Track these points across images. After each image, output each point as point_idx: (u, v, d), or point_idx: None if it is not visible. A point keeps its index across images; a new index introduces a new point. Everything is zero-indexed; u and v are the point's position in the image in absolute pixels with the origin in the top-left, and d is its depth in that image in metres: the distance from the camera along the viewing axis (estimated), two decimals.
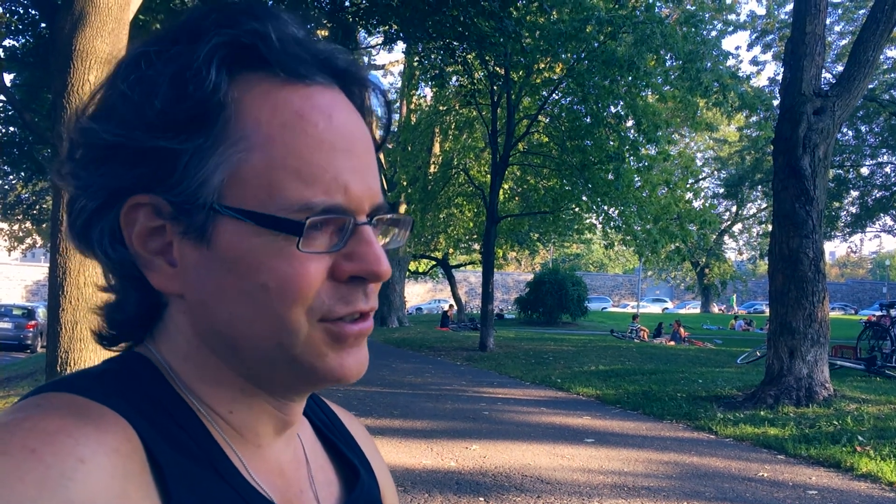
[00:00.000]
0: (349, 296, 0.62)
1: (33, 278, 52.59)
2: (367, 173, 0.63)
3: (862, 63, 9.38)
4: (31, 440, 0.51)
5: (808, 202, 9.08)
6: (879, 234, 72.30)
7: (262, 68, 0.61)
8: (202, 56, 0.58)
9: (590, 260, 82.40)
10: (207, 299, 0.61)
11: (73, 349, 4.98)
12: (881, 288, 67.48)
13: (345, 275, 0.61)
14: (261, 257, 0.59)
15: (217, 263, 0.60)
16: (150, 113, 0.58)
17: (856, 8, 29.58)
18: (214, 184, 0.59)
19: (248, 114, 0.59)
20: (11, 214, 25.95)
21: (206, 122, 0.59)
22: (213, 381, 0.64)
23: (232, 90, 0.59)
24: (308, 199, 0.58)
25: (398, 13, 11.72)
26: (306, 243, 0.59)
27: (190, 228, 0.60)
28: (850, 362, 13.38)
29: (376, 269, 0.62)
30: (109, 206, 0.61)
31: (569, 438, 7.41)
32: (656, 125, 16.48)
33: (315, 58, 0.63)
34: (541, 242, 29.23)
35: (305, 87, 0.61)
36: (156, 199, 0.60)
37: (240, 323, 0.60)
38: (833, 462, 6.38)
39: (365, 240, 0.62)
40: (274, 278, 0.59)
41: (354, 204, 0.61)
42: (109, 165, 0.60)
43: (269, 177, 0.59)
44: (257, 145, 0.59)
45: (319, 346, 0.61)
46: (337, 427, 0.83)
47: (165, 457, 0.57)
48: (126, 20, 5.72)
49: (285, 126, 0.59)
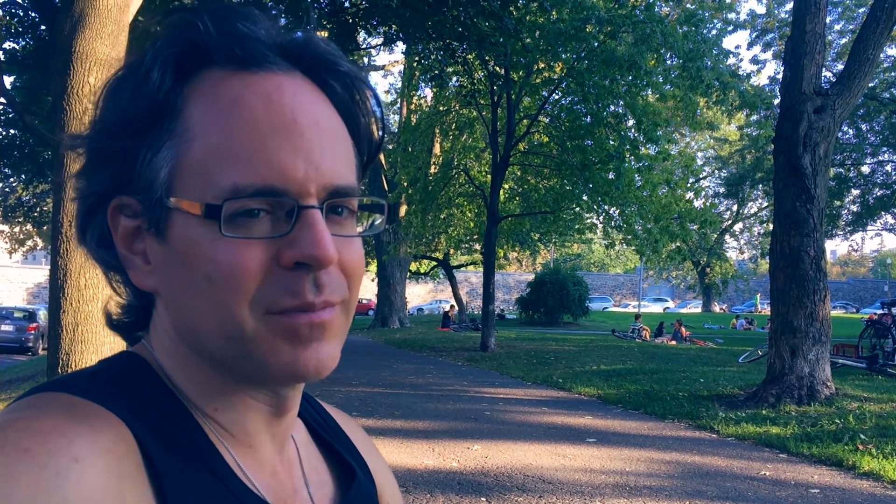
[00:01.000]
0: (295, 286, 0.59)
1: (34, 281, 52.64)
2: (315, 154, 0.60)
3: (862, 61, 9.37)
4: (25, 440, 0.51)
5: (808, 201, 9.08)
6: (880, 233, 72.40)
7: (213, 63, 0.62)
8: (148, 59, 0.61)
9: (591, 260, 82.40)
10: (173, 294, 0.63)
11: (74, 351, 4.98)
12: (882, 286, 67.42)
13: (289, 261, 0.59)
14: (202, 248, 0.59)
15: (172, 257, 0.61)
16: (113, 117, 0.62)
17: (856, 6, 29.57)
18: (162, 178, 0.61)
19: (192, 107, 0.61)
20: (12, 217, 25.96)
21: (155, 120, 0.61)
22: (195, 377, 0.64)
23: (185, 88, 0.61)
24: (236, 182, 0.58)
25: (398, 14, 11.72)
26: (235, 228, 0.58)
27: (151, 224, 0.62)
28: (851, 361, 13.38)
29: (313, 252, 0.58)
30: (97, 209, 0.64)
31: (570, 438, 7.40)
32: (656, 124, 16.49)
33: (273, 46, 0.63)
34: (542, 242, 29.25)
35: (251, 75, 0.61)
36: (129, 199, 0.63)
37: (196, 317, 0.61)
38: (835, 461, 6.37)
39: (307, 223, 0.59)
40: (213, 268, 0.59)
41: (295, 186, 0.59)
42: (93, 170, 0.64)
43: (205, 164, 0.59)
44: (196, 136, 0.60)
45: (271, 341, 0.60)
46: (332, 428, 0.82)
47: (160, 456, 0.57)
48: (125, 22, 5.72)
49: (221, 112, 0.60)
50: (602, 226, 19.57)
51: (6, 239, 31.99)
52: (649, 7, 15.72)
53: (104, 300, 0.72)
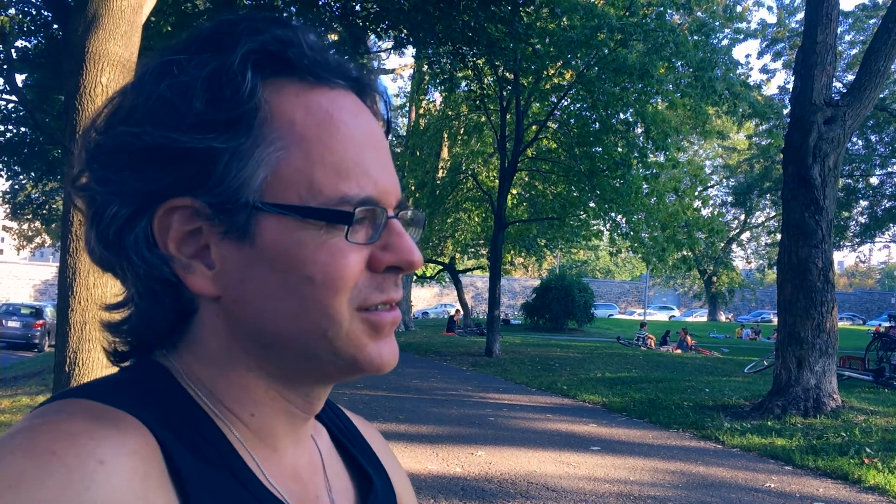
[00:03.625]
0: (383, 284, 0.65)
1: (41, 277, 52.82)
2: (390, 168, 0.67)
3: (873, 72, 9.35)
4: (53, 443, 0.52)
5: (817, 212, 9.05)
6: (888, 245, 71.96)
7: (288, 73, 0.63)
8: (237, 61, 0.61)
9: (597, 266, 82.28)
10: (250, 298, 0.62)
11: (82, 350, 4.99)
12: (890, 298, 67.11)
13: (382, 265, 0.64)
14: (305, 251, 0.61)
15: (261, 260, 0.61)
16: (190, 115, 0.60)
17: (867, 17, 29.50)
18: (256, 182, 0.61)
19: (282, 115, 0.62)
20: (21, 214, 26.07)
21: (243, 123, 0.61)
22: (240, 383, 0.65)
23: (265, 93, 0.62)
24: (345, 193, 0.61)
25: (408, 18, 11.74)
26: (351, 234, 0.62)
27: (231, 228, 0.61)
28: (858, 373, 13.32)
29: (410, 258, 0.65)
30: (143, 211, 0.62)
31: (575, 446, 7.39)
32: (666, 133, 16.46)
33: (333, 64, 0.66)
34: (548, 248, 29.22)
35: (330, 90, 0.65)
36: (194, 201, 0.61)
37: (285, 318, 0.62)
38: (841, 474, 6.34)
39: (397, 231, 0.65)
40: (319, 270, 0.61)
41: (384, 197, 0.64)
42: (147, 169, 0.61)
43: (308, 173, 0.61)
44: (294, 143, 0.62)
45: (360, 337, 0.64)
46: (352, 433, 0.83)
47: (183, 460, 0.58)
48: (139, 23, 5.74)
49: (318, 125, 0.62)
50: (609, 233, 19.54)
51: (14, 236, 32.13)
52: (660, 16, 15.72)
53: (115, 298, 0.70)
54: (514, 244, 26.18)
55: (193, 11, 11.78)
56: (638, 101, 16.49)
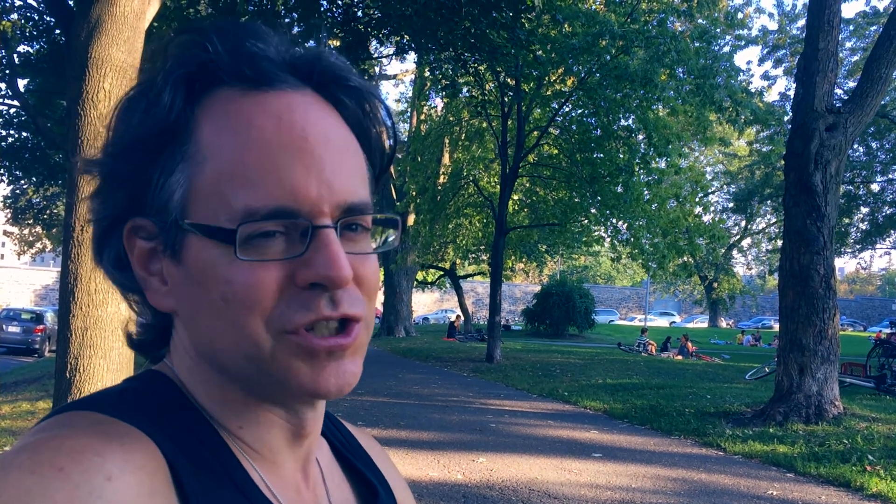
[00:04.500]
0: (309, 302, 0.59)
1: (42, 282, 52.86)
2: (327, 172, 0.60)
3: (875, 80, 9.35)
4: (59, 459, 0.51)
5: (819, 219, 9.04)
6: (889, 251, 71.95)
7: (221, 83, 0.62)
8: (159, 80, 0.61)
9: (598, 272, 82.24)
10: (190, 314, 0.63)
11: (83, 356, 4.98)
12: (890, 305, 67.05)
13: (303, 282, 0.59)
14: (217, 269, 0.59)
15: (188, 278, 0.61)
16: (124, 142, 0.62)
17: (868, 25, 29.54)
18: (176, 200, 0.61)
19: (205, 128, 0.61)
20: (22, 219, 26.09)
21: (167, 142, 0.61)
22: (218, 396, 0.64)
23: (196, 109, 0.61)
24: (249, 205, 0.58)
25: (410, 23, 11.75)
26: (250, 250, 0.58)
27: (167, 246, 0.62)
28: (859, 380, 13.29)
29: (329, 273, 0.58)
30: (112, 231, 0.64)
31: (576, 453, 7.37)
32: (667, 139, 16.47)
33: (283, 64, 0.63)
34: (549, 254, 29.21)
35: (262, 94, 0.61)
36: (144, 221, 0.63)
37: (215, 337, 0.61)
38: (843, 481, 6.32)
39: (321, 243, 0.59)
40: (228, 289, 0.59)
41: (309, 206, 0.59)
42: (107, 193, 0.64)
43: (219, 186, 0.59)
44: (208, 157, 0.60)
45: (289, 360, 0.60)
46: (353, 446, 0.83)
47: (188, 474, 0.57)
48: (142, 29, 5.75)
49: (233, 134, 0.60)
50: (609, 239, 19.54)
51: (15, 240, 32.15)
52: (662, 23, 15.74)
53: (116, 305, 0.73)
54: (515, 250, 26.17)
55: (196, 17, 11.81)
56: (639, 108, 16.49)
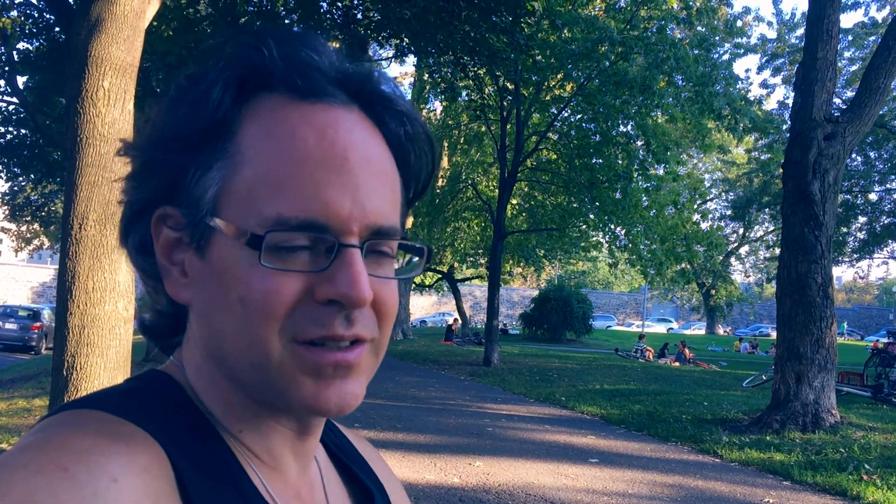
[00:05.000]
0: (324, 318, 0.59)
1: (39, 280, 52.76)
2: (362, 192, 0.60)
3: (873, 89, 9.37)
4: (64, 459, 0.51)
5: (817, 227, 9.05)
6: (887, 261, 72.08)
7: (271, 89, 0.62)
8: (210, 78, 0.62)
9: (595, 278, 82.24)
10: (206, 310, 0.63)
11: (80, 354, 4.96)
12: (888, 314, 67.11)
13: (322, 298, 0.59)
14: (239, 271, 0.59)
15: (210, 275, 0.61)
16: (168, 131, 0.63)
17: (866, 35, 29.61)
18: (209, 197, 0.61)
19: (248, 131, 0.61)
20: (20, 216, 26.04)
21: (211, 138, 0.61)
22: (222, 397, 0.64)
23: (243, 110, 0.62)
24: (281, 213, 0.58)
25: (410, 27, 11.76)
26: (274, 259, 0.58)
27: (193, 239, 0.62)
28: (856, 389, 13.29)
29: (348, 292, 0.58)
30: (142, 216, 0.65)
31: (573, 458, 7.36)
32: (666, 145, 16.49)
33: (334, 78, 0.63)
34: (547, 259, 29.20)
35: (309, 105, 0.61)
36: (174, 210, 0.63)
37: (226, 337, 0.61)
38: (839, 490, 6.32)
39: (345, 262, 0.59)
40: (247, 292, 0.59)
41: (338, 223, 0.59)
42: (141, 178, 0.65)
43: (252, 190, 0.60)
44: (248, 160, 0.60)
45: (294, 373, 0.59)
46: (350, 450, 0.83)
47: (191, 477, 0.57)
48: (141, 28, 5.74)
49: (276, 142, 0.60)
50: (608, 244, 19.54)
51: (13, 237, 32.08)
52: (661, 30, 15.77)
53: (114, 303, 0.72)
54: (513, 254, 26.18)
55: (196, 17, 11.81)
56: (638, 114, 16.52)
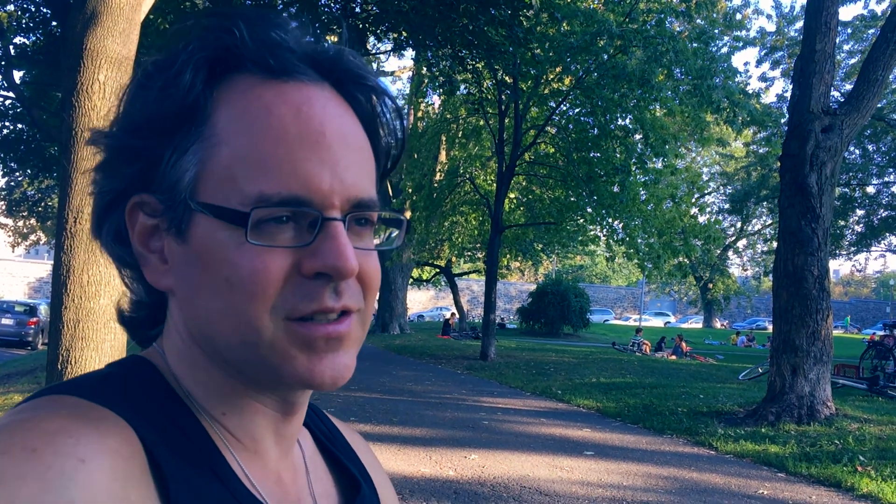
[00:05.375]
0: (313, 292, 0.60)
1: (36, 275, 52.73)
2: (340, 166, 0.61)
3: (871, 82, 9.37)
4: (32, 440, 0.51)
5: (813, 220, 9.06)
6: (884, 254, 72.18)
7: (242, 69, 0.63)
8: (180, 61, 0.62)
9: (593, 272, 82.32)
10: (189, 296, 0.63)
11: (75, 347, 4.97)
12: (884, 307, 67.28)
13: (310, 271, 0.60)
14: (224, 251, 0.60)
15: (192, 258, 0.61)
16: (140, 117, 0.62)
17: (865, 28, 29.58)
18: (187, 180, 0.61)
19: (222, 112, 0.62)
20: (16, 211, 26.00)
21: (184, 122, 0.61)
22: (205, 380, 0.64)
23: (215, 92, 0.62)
24: (262, 191, 0.59)
25: (408, 20, 11.75)
26: (259, 236, 0.59)
27: (172, 224, 0.62)
28: (852, 381, 13.33)
29: (336, 263, 0.59)
30: (115, 205, 0.65)
31: (568, 450, 7.38)
32: (664, 139, 16.47)
33: (304, 56, 0.64)
34: (544, 253, 29.20)
35: (282, 84, 0.62)
36: (149, 197, 0.63)
37: (213, 319, 0.61)
38: (834, 481, 6.34)
39: (330, 235, 0.60)
40: (234, 272, 0.59)
41: (320, 197, 0.60)
42: (114, 167, 0.64)
43: (232, 170, 0.60)
44: (224, 141, 0.61)
45: (287, 349, 0.60)
46: (337, 439, 0.83)
47: (166, 460, 0.57)
48: (137, 21, 5.73)
49: (252, 120, 0.61)
50: (605, 238, 19.54)
51: (9, 233, 32.03)
52: (660, 23, 15.73)
53: (109, 297, 0.72)
54: (510, 248, 26.18)
55: (192, 9, 11.78)
56: (637, 108, 16.49)
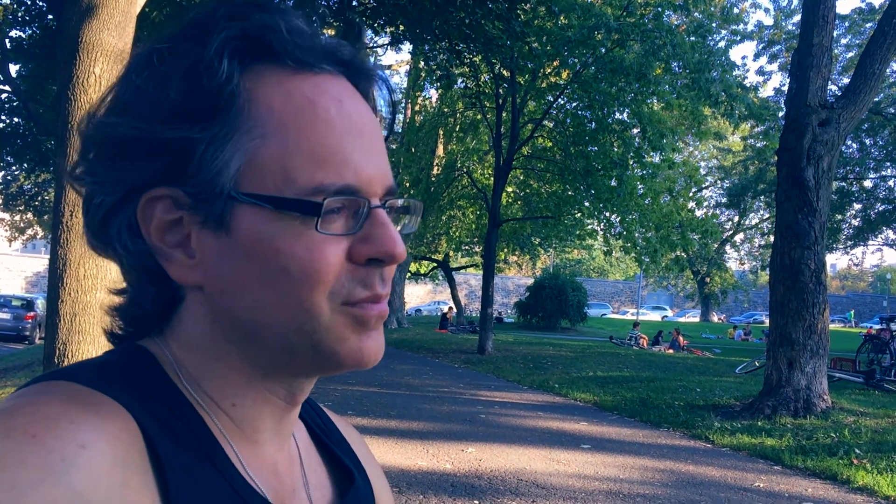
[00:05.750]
0: (367, 279, 0.62)
1: (33, 269, 52.64)
2: (378, 156, 0.64)
3: (868, 76, 9.37)
4: (33, 425, 0.51)
5: (810, 213, 9.07)
6: (881, 248, 72.31)
7: (271, 59, 0.62)
8: (214, 48, 0.60)
9: (591, 266, 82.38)
10: (229, 288, 0.62)
11: (72, 341, 4.97)
12: (881, 301, 67.42)
13: (362, 257, 0.62)
14: (280, 241, 0.60)
15: (237, 250, 0.61)
16: (166, 105, 0.60)
17: (863, 21, 29.58)
18: (231, 171, 0.60)
19: (260, 102, 0.61)
20: (13, 205, 25.93)
21: (220, 111, 0.60)
22: (222, 372, 0.64)
23: (244, 80, 0.61)
24: (320, 182, 0.60)
25: (405, 13, 11.72)
26: (324, 225, 0.60)
27: (209, 217, 0.61)
28: (848, 375, 13.36)
29: (392, 250, 0.62)
30: (127, 200, 0.62)
31: (565, 444, 7.40)
32: (661, 133, 16.48)
33: (322, 49, 0.64)
34: (542, 247, 29.25)
35: (315, 76, 0.63)
36: (174, 191, 0.61)
37: (262, 310, 0.61)
38: (829, 474, 6.36)
39: (380, 222, 0.62)
40: (294, 262, 0.59)
41: (367, 186, 0.62)
42: (127, 160, 0.61)
43: (284, 161, 0.60)
44: (271, 131, 0.60)
45: (342, 331, 0.62)
46: (332, 432, 0.83)
47: (164, 447, 0.57)
48: (133, 14, 5.72)
49: (297, 112, 0.61)
50: (602, 232, 19.56)
51: (6, 227, 31.99)
52: (658, 16, 15.71)
53: (105, 291, 0.71)
54: (508, 242, 26.20)
55: (188, 3, 11.74)
56: (634, 102, 16.48)
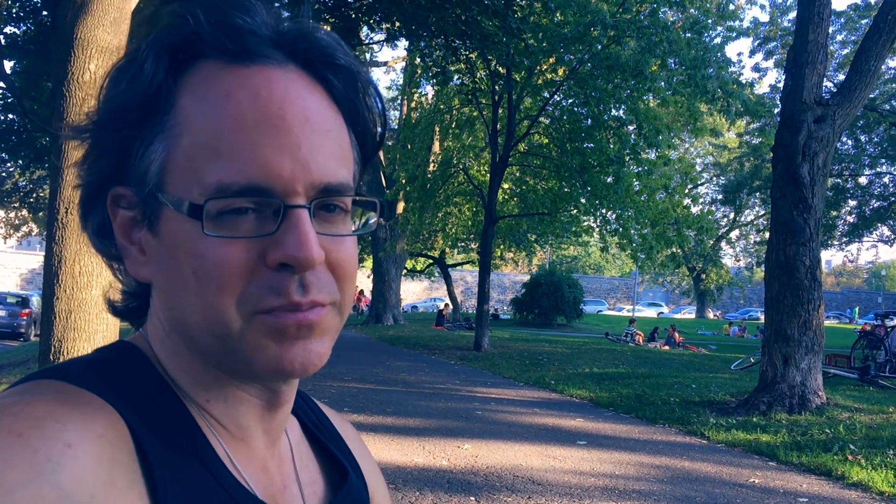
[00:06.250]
0: (279, 286, 0.58)
1: (28, 266, 52.53)
2: (303, 151, 0.59)
3: (863, 72, 9.38)
4: (18, 425, 0.51)
5: (805, 210, 9.09)
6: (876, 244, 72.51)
7: (206, 55, 0.61)
8: (143, 51, 0.61)
9: (587, 262, 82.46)
10: (164, 287, 0.63)
11: (67, 338, 4.96)
12: (876, 297, 67.61)
13: (273, 262, 0.58)
14: (189, 244, 0.59)
15: (163, 250, 0.61)
16: (110, 109, 0.62)
17: (859, 17, 29.60)
18: (153, 171, 0.60)
19: (184, 100, 0.60)
20: (8, 202, 25.85)
21: (150, 113, 0.60)
22: (187, 368, 0.64)
23: (180, 81, 0.61)
24: (220, 180, 0.57)
25: (401, 9, 11.71)
26: (220, 227, 0.58)
27: (145, 217, 0.62)
28: (843, 371, 13.41)
29: (296, 254, 0.57)
30: (96, 198, 0.65)
31: (561, 440, 7.41)
32: (657, 129, 16.48)
33: (268, 38, 0.62)
34: (538, 244, 29.23)
35: (243, 69, 0.60)
36: (125, 190, 0.63)
37: (185, 311, 0.61)
38: (824, 470, 6.39)
39: (291, 223, 0.58)
40: (199, 265, 0.58)
41: (280, 184, 0.58)
42: (91, 160, 0.64)
43: (192, 160, 0.59)
44: (185, 130, 0.60)
45: (258, 339, 0.59)
46: (326, 427, 0.83)
47: (152, 446, 0.57)
48: (128, 10, 5.70)
49: (210, 108, 0.59)
50: (598, 229, 19.56)
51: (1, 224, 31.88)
52: (654, 13, 15.70)
53: (100, 288, 0.72)
54: (504, 239, 26.18)
55: None
56: (630, 98, 16.48)
